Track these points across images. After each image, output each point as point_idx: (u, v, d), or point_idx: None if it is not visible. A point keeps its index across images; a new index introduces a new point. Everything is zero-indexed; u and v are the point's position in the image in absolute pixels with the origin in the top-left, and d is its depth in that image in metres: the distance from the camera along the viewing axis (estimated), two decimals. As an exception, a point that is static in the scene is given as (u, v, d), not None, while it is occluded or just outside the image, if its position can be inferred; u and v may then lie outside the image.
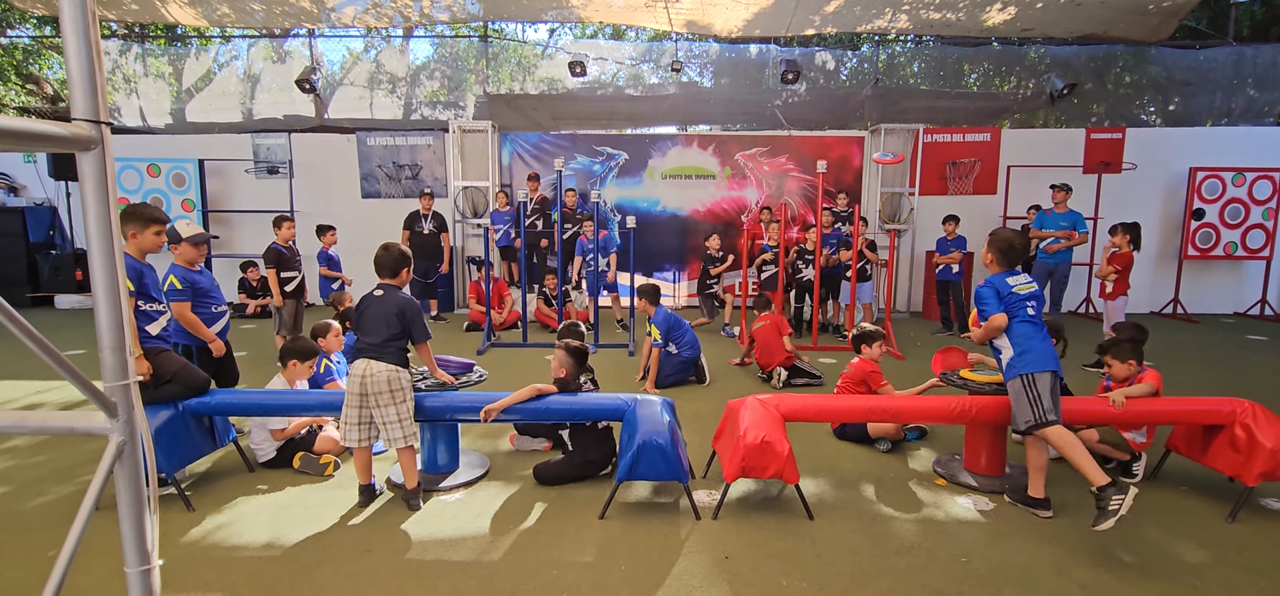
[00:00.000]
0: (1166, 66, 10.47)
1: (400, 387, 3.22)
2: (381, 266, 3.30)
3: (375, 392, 3.18)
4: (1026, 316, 3.21)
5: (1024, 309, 3.22)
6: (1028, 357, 3.14)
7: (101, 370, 1.44)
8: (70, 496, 3.42)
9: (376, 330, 3.22)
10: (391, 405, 3.21)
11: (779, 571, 2.74)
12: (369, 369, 3.18)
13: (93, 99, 1.37)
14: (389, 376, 3.18)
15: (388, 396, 3.19)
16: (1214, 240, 9.37)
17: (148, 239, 3.43)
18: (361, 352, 3.22)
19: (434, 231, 8.39)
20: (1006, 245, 3.32)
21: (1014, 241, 3.33)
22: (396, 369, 3.21)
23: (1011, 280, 3.28)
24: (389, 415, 3.21)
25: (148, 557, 1.50)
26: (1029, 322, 3.20)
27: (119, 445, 1.44)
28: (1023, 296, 3.23)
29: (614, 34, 15.21)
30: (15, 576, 2.69)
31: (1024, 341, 3.17)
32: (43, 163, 9.92)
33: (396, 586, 2.64)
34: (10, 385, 5.63)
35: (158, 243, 3.48)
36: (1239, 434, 3.26)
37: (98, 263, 1.41)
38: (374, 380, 3.17)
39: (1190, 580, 2.71)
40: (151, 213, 3.47)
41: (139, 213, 3.43)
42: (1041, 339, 3.18)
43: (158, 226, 3.45)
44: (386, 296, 3.27)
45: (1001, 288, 3.27)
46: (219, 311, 4.00)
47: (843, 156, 9.84)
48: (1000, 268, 3.33)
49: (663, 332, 5.51)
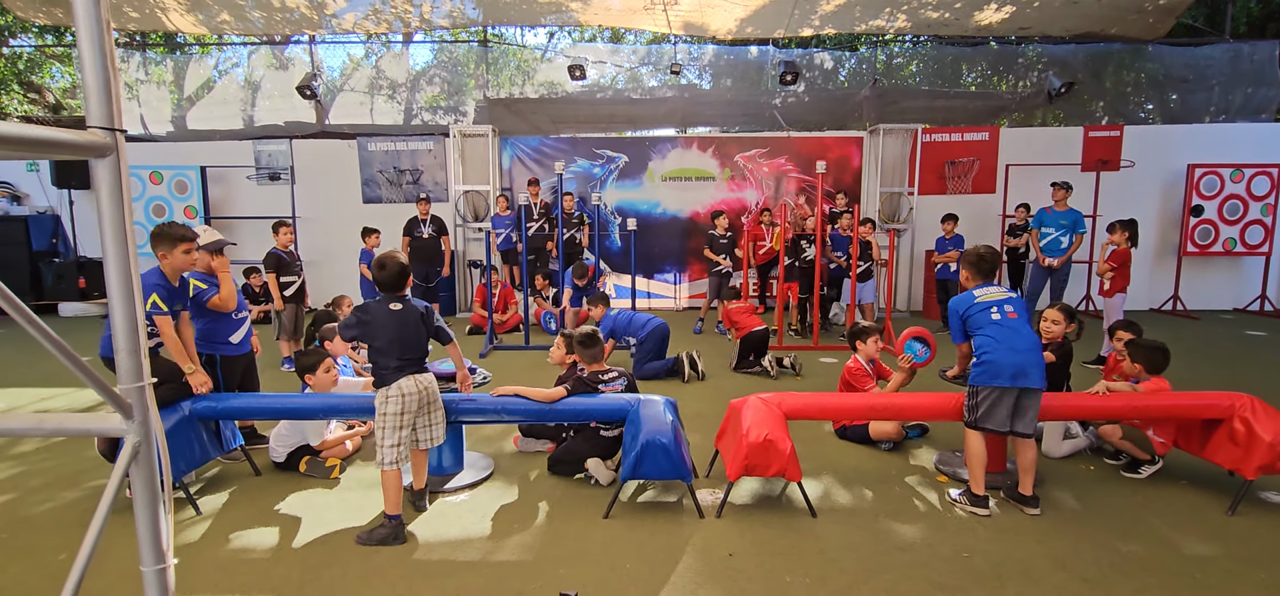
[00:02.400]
0: (1164, 63, 10.51)
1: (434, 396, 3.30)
2: (387, 284, 3.14)
3: (432, 402, 3.26)
4: (991, 323, 3.23)
5: (988, 316, 3.26)
6: (981, 369, 3.21)
7: (117, 372, 1.46)
8: (78, 501, 3.45)
9: (416, 342, 3.17)
10: (439, 408, 3.32)
11: (783, 568, 2.76)
12: (420, 381, 3.14)
13: (107, 107, 1.40)
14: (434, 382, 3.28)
15: (438, 403, 3.31)
16: (1213, 236, 9.40)
17: (177, 258, 3.43)
18: (403, 370, 3.09)
19: (434, 235, 8.42)
20: (976, 258, 3.41)
21: (983, 253, 3.41)
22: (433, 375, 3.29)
23: (978, 292, 3.35)
24: (435, 417, 3.30)
25: (163, 556, 1.53)
26: (994, 329, 3.21)
27: (135, 445, 1.47)
28: (987, 304, 3.29)
29: (613, 37, 15.24)
30: (26, 580, 2.71)
31: (984, 352, 3.21)
32: (46, 171, 9.95)
33: (405, 586, 2.66)
34: (15, 393, 5.66)
35: (188, 262, 3.48)
36: (1238, 427, 3.29)
37: (113, 268, 1.43)
38: (430, 390, 3.22)
39: (1190, 573, 2.73)
40: (180, 232, 3.45)
41: (167, 233, 3.42)
42: (1006, 348, 3.15)
43: (186, 244, 3.45)
44: (407, 309, 3.16)
45: (963, 307, 3.35)
46: (239, 318, 4.00)
47: (842, 157, 9.88)
48: (973, 282, 3.42)
49: (605, 334, 5.64)
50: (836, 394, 4.27)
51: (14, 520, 3.25)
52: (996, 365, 3.16)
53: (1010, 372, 3.13)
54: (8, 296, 1.27)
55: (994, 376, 3.16)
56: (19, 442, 4.31)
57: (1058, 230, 7.37)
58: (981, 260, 3.39)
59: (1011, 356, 3.14)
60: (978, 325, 3.29)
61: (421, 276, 8.41)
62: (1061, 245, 7.36)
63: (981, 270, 3.39)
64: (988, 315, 3.26)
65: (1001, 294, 3.32)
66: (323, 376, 3.94)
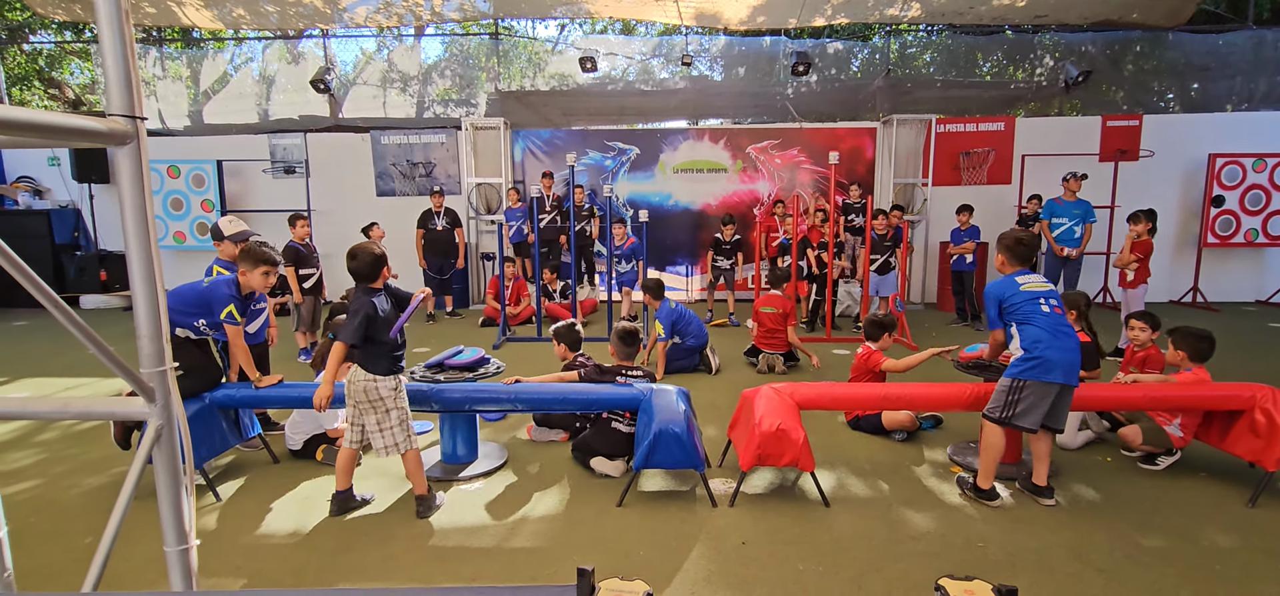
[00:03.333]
0: (1185, 51, 10.30)
1: (378, 397, 3.03)
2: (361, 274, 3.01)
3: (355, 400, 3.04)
4: (1042, 315, 3.06)
5: (1037, 308, 3.08)
6: (1032, 364, 3.02)
7: (139, 358, 1.49)
8: (103, 487, 3.52)
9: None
10: (371, 413, 3.05)
11: (795, 556, 2.76)
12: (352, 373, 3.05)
13: (128, 95, 1.43)
14: (365, 384, 3.01)
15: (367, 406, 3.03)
16: (1234, 227, 9.23)
17: (255, 279, 3.52)
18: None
19: (448, 228, 8.47)
20: (1014, 241, 3.22)
21: (1021, 237, 3.22)
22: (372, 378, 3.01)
23: (1021, 279, 3.17)
24: (369, 422, 3.07)
25: (186, 537, 1.56)
26: (1045, 321, 3.04)
27: (158, 429, 1.50)
28: (1034, 294, 3.12)
29: (624, 29, 15.21)
30: (55, 562, 2.78)
31: (1035, 346, 3.02)
32: (66, 166, 10.10)
33: (421, 572, 2.69)
34: (41, 382, 5.77)
35: (265, 284, 3.56)
36: (1259, 419, 3.24)
37: (135, 255, 1.46)
38: (351, 387, 3.03)
39: (1209, 564, 2.70)
40: (267, 255, 3.55)
41: (253, 253, 3.52)
42: (1057, 345, 2.99)
43: (268, 268, 3.53)
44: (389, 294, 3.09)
45: (1005, 293, 3.16)
46: (257, 309, 4.08)
47: (855, 148, 9.79)
48: (1011, 267, 3.24)
49: (667, 327, 5.57)
50: (849, 384, 4.26)
51: (42, 505, 3.33)
52: (1050, 362, 2.99)
53: (1063, 369, 3.00)
54: (40, 286, 1.30)
55: (1047, 372, 2.99)
56: (45, 430, 4.41)
57: (1070, 220, 7.31)
58: (1019, 244, 3.21)
59: (1064, 355, 3.00)
60: (1024, 315, 3.09)
61: (435, 269, 8.48)
62: (1075, 235, 7.29)
63: (1019, 255, 3.22)
64: (1036, 307, 3.08)
65: (1046, 285, 3.17)
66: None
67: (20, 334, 7.99)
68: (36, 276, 1.31)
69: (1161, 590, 2.53)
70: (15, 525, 3.02)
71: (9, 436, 4.32)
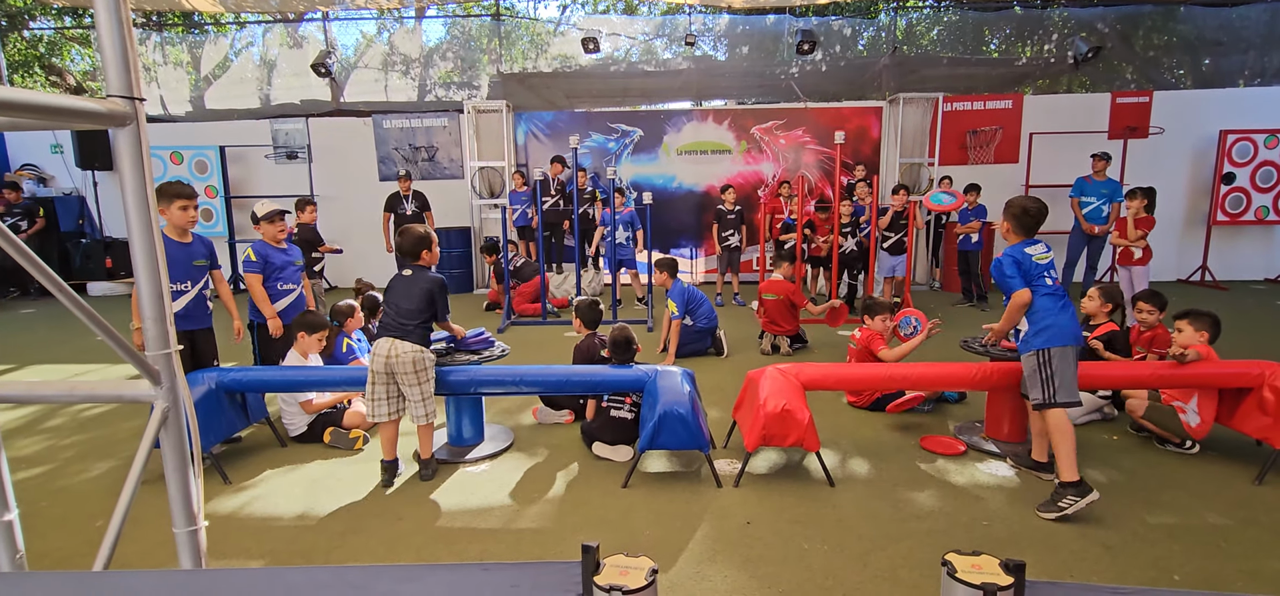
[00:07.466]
0: (1197, 25, 10.12)
1: (423, 367, 3.29)
2: (402, 251, 3.40)
3: (402, 372, 3.25)
4: (1046, 289, 3.05)
5: (1043, 280, 3.07)
6: (1047, 333, 3.00)
7: (144, 340, 1.49)
8: (112, 471, 3.55)
9: (402, 309, 3.29)
10: (415, 384, 3.28)
11: (800, 535, 2.77)
12: (394, 348, 3.23)
13: (126, 75, 1.41)
14: (414, 356, 3.25)
15: (413, 377, 3.27)
16: (1244, 205, 9.13)
17: (173, 213, 3.52)
18: (386, 330, 3.29)
19: (416, 212, 8.38)
20: (1021, 211, 3.13)
21: (1029, 206, 3.14)
22: (421, 349, 3.28)
23: (1030, 250, 3.12)
24: (413, 394, 3.30)
25: (194, 518, 1.57)
26: (1049, 295, 3.04)
27: (164, 411, 1.50)
28: (1042, 266, 3.09)
29: (626, 9, 15.06)
30: (65, 546, 2.81)
31: (1043, 316, 3.01)
32: (69, 153, 10.10)
33: (428, 553, 2.72)
34: (48, 369, 5.81)
35: (186, 218, 3.56)
36: (1267, 396, 3.22)
37: (137, 237, 1.45)
38: (400, 360, 3.23)
39: (1216, 541, 2.70)
40: (176, 189, 3.54)
41: (163, 190, 3.50)
42: (1061, 311, 3.00)
43: (183, 201, 3.54)
44: (415, 276, 3.34)
45: (1021, 258, 3.10)
46: (285, 289, 4.17)
47: (861, 127, 9.71)
48: (1018, 236, 3.16)
49: (680, 307, 5.54)
50: (853, 365, 4.25)
51: (51, 490, 3.36)
52: (1061, 327, 2.98)
53: (1073, 334, 3.00)
54: (47, 274, 1.30)
55: (1061, 337, 2.97)
56: (54, 416, 4.45)
57: (1098, 199, 7.30)
58: (1026, 213, 3.12)
59: (1071, 321, 3.02)
60: (1034, 288, 3.08)
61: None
62: (1103, 213, 7.29)
63: (1025, 225, 3.14)
64: (1043, 281, 3.07)
65: (1049, 256, 3.13)
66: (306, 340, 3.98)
67: (27, 321, 8.04)
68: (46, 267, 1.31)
69: (1167, 567, 2.53)
70: (25, 508, 3.05)
71: (19, 422, 4.35)
